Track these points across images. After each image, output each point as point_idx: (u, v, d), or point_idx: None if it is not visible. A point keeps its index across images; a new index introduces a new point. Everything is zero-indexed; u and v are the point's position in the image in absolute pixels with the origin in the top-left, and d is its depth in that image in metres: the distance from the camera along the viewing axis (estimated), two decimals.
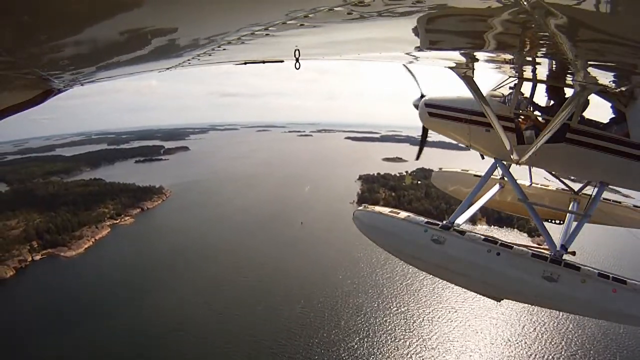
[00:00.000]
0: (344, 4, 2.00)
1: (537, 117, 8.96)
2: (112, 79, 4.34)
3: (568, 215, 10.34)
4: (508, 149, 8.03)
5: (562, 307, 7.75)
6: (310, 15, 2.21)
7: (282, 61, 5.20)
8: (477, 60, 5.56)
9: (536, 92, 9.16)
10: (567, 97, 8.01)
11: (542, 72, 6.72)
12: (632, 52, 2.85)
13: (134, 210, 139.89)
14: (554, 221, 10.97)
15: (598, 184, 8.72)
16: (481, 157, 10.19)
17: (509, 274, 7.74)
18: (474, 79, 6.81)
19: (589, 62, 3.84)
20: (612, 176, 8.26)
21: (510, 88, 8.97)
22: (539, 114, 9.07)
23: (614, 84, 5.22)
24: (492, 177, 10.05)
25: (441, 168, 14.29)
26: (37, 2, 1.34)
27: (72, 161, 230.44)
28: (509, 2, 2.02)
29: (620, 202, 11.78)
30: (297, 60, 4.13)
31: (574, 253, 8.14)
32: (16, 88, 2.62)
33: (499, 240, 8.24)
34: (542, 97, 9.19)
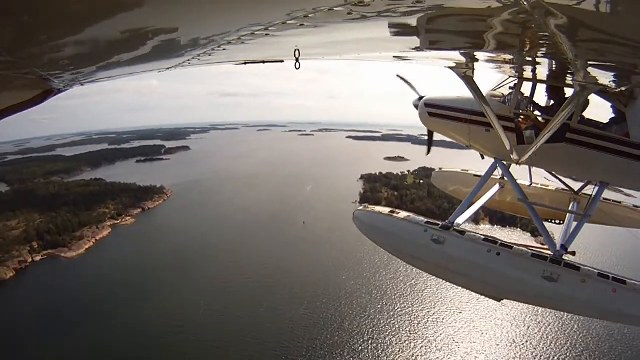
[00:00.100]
0: (344, 4, 2.00)
1: (537, 117, 8.96)
2: (112, 79, 4.34)
3: (568, 215, 10.34)
4: (508, 149, 8.03)
5: (562, 307, 7.74)
6: (311, 15, 2.21)
7: (282, 61, 5.21)
8: (477, 60, 5.56)
9: (536, 92, 9.18)
10: (567, 97, 8.01)
11: (542, 72, 6.72)
12: (632, 52, 2.85)
13: (134, 211, 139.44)
14: (554, 221, 10.97)
15: (598, 184, 8.72)
16: (481, 157, 10.20)
17: (509, 274, 7.74)
18: (474, 79, 6.82)
19: (589, 62, 3.84)
20: (612, 176, 8.26)
21: (510, 88, 8.97)
22: (539, 114, 9.07)
23: (614, 84, 5.22)
24: (492, 177, 10.05)
25: (441, 168, 14.29)
26: (37, 2, 1.34)
27: (73, 161, 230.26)
28: (509, 2, 2.02)
29: (620, 202, 11.78)
30: (297, 60, 4.14)
31: (574, 253, 8.14)
32: (16, 88, 2.63)
33: (499, 240, 8.24)
34: (542, 97, 9.21)
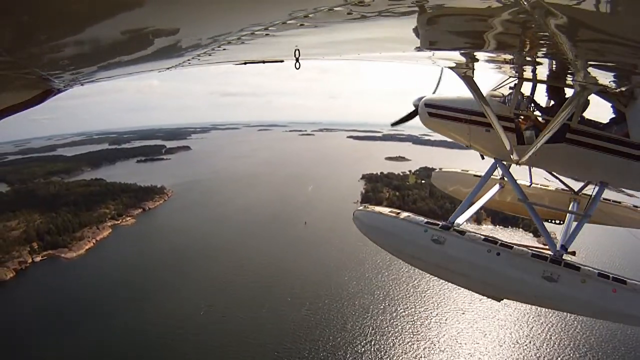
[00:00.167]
0: (344, 4, 2.00)
1: (537, 117, 8.96)
2: (112, 79, 4.35)
3: (568, 215, 10.34)
4: (508, 149, 8.03)
5: (562, 307, 7.74)
6: (311, 15, 2.21)
7: (282, 61, 5.21)
8: (477, 60, 5.56)
9: (536, 92, 9.17)
10: (567, 97, 8.01)
11: (542, 72, 6.72)
12: (632, 52, 2.85)
13: (135, 211, 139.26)
14: (554, 221, 10.97)
15: (598, 184, 8.72)
16: (481, 157, 10.20)
17: (509, 274, 7.74)
18: (474, 79, 6.82)
19: (589, 62, 3.84)
20: (612, 176, 8.26)
21: (510, 88, 8.97)
22: (539, 114, 9.07)
23: (614, 84, 5.21)
24: (492, 177, 10.05)
25: (441, 168, 14.30)
26: (37, 2, 1.34)
27: (73, 161, 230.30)
28: (509, 2, 2.02)
29: (620, 202, 11.78)
30: (297, 60, 4.14)
31: (574, 253, 8.13)
32: (16, 88, 2.63)
33: (499, 240, 8.25)
34: (542, 97, 9.21)
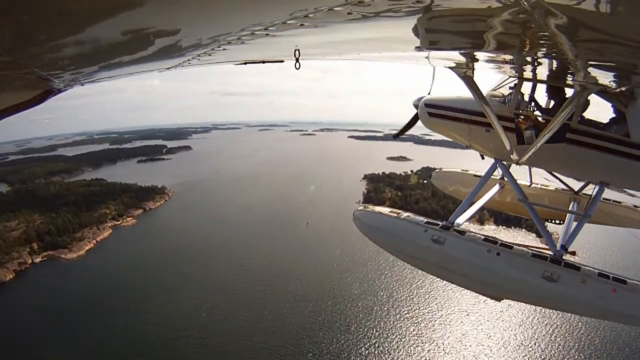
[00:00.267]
0: (344, 4, 2.00)
1: (537, 117, 8.96)
2: (113, 79, 4.34)
3: (568, 215, 10.34)
4: (508, 149, 8.03)
5: (562, 307, 7.74)
6: (311, 15, 2.21)
7: (282, 61, 5.21)
8: (477, 60, 5.56)
9: (536, 92, 9.18)
10: (567, 97, 8.01)
11: (542, 72, 6.71)
12: (632, 52, 2.85)
13: (136, 211, 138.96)
14: (554, 221, 10.97)
15: (598, 184, 8.72)
16: (481, 157, 10.20)
17: (509, 274, 7.74)
18: (474, 79, 6.81)
19: (589, 62, 3.84)
20: (612, 176, 8.26)
21: (510, 88, 8.97)
22: (539, 114, 9.07)
23: (614, 84, 5.21)
24: (492, 177, 10.05)
25: (441, 168, 14.30)
26: (37, 2, 1.34)
27: (74, 161, 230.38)
28: (509, 2, 2.02)
29: (620, 202, 11.77)
30: (297, 60, 4.14)
31: (574, 253, 8.13)
32: (16, 88, 2.63)
33: (499, 240, 8.25)
34: (542, 97, 9.21)
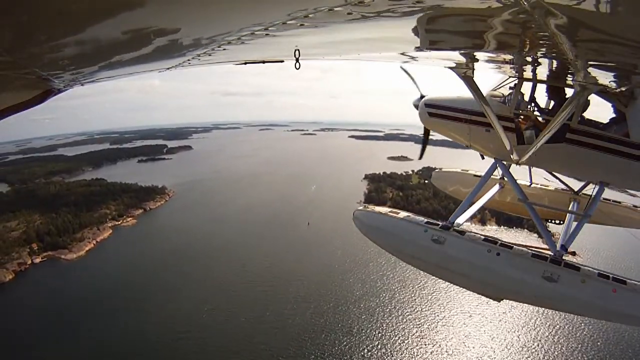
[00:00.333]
0: (344, 4, 2.00)
1: (537, 117, 8.96)
2: (112, 79, 4.35)
3: (568, 215, 10.34)
4: (508, 149, 8.03)
5: (562, 307, 7.74)
6: (311, 15, 2.21)
7: (282, 61, 5.21)
8: (477, 60, 5.56)
9: (536, 92, 9.17)
10: (567, 97, 8.01)
11: (542, 72, 6.71)
12: (632, 52, 2.85)
13: (136, 211, 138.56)
14: (554, 221, 10.97)
15: (598, 184, 8.72)
16: (481, 157, 10.20)
17: (509, 274, 7.74)
18: (474, 79, 6.81)
19: (589, 62, 3.84)
20: (612, 176, 8.26)
21: (510, 88, 8.97)
22: (539, 114, 9.07)
23: (614, 84, 5.21)
24: (492, 177, 10.05)
25: (441, 168, 14.29)
26: (37, 2, 1.34)
27: (74, 161, 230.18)
28: (509, 2, 2.02)
29: (620, 202, 11.77)
30: (297, 60, 4.13)
31: (574, 253, 8.14)
32: (16, 88, 2.62)
33: (499, 240, 8.25)
34: (542, 97, 9.21)
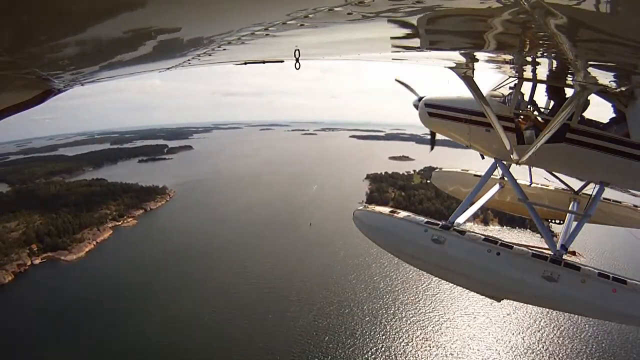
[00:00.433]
0: (344, 4, 2.00)
1: (537, 117, 8.96)
2: (112, 79, 4.34)
3: (568, 215, 10.34)
4: (508, 149, 8.03)
5: (562, 307, 7.74)
6: (311, 15, 2.21)
7: (282, 61, 5.21)
8: (477, 60, 5.56)
9: (536, 92, 9.17)
10: (567, 97, 8.01)
11: (542, 72, 6.71)
12: (632, 52, 2.85)
13: (136, 211, 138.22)
14: (554, 221, 10.97)
15: (598, 184, 8.72)
16: (481, 157, 10.20)
17: (509, 273, 7.74)
18: (474, 79, 6.81)
19: (589, 62, 3.84)
20: (612, 176, 8.26)
21: (510, 88, 8.97)
22: (538, 113, 9.07)
23: (614, 84, 5.21)
24: (492, 177, 10.05)
25: (441, 168, 14.29)
26: (37, 2, 1.34)
27: (75, 161, 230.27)
28: (509, 2, 2.02)
29: (620, 202, 11.77)
30: (297, 60, 4.14)
31: (574, 253, 8.14)
32: (16, 88, 2.62)
33: (499, 240, 8.25)
34: (542, 97, 9.21)
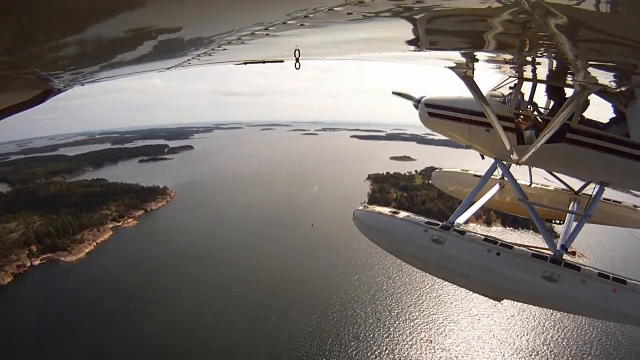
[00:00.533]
0: (344, 4, 2.00)
1: (537, 117, 8.96)
2: (112, 79, 4.34)
3: (568, 215, 10.35)
4: (508, 149, 8.04)
5: (562, 307, 7.75)
6: (311, 15, 2.21)
7: (282, 61, 5.20)
8: (477, 60, 5.56)
9: (536, 92, 9.18)
10: (567, 97, 8.01)
11: (542, 72, 6.71)
12: (632, 52, 2.85)
13: (137, 212, 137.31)
14: (554, 221, 10.98)
15: (598, 184, 8.72)
16: (481, 157, 10.20)
17: (509, 274, 7.75)
18: (474, 79, 6.81)
19: (589, 62, 3.84)
20: (612, 176, 8.27)
21: (510, 88, 8.98)
22: (538, 113, 9.07)
23: (614, 84, 5.21)
24: (492, 177, 10.05)
25: (441, 168, 14.30)
26: (37, 2, 1.34)
27: (75, 161, 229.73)
28: (509, 2, 2.02)
29: (620, 202, 11.77)
30: (297, 60, 4.14)
31: (574, 253, 8.14)
32: (16, 88, 2.62)
33: (499, 240, 8.25)
34: (542, 97, 9.21)
